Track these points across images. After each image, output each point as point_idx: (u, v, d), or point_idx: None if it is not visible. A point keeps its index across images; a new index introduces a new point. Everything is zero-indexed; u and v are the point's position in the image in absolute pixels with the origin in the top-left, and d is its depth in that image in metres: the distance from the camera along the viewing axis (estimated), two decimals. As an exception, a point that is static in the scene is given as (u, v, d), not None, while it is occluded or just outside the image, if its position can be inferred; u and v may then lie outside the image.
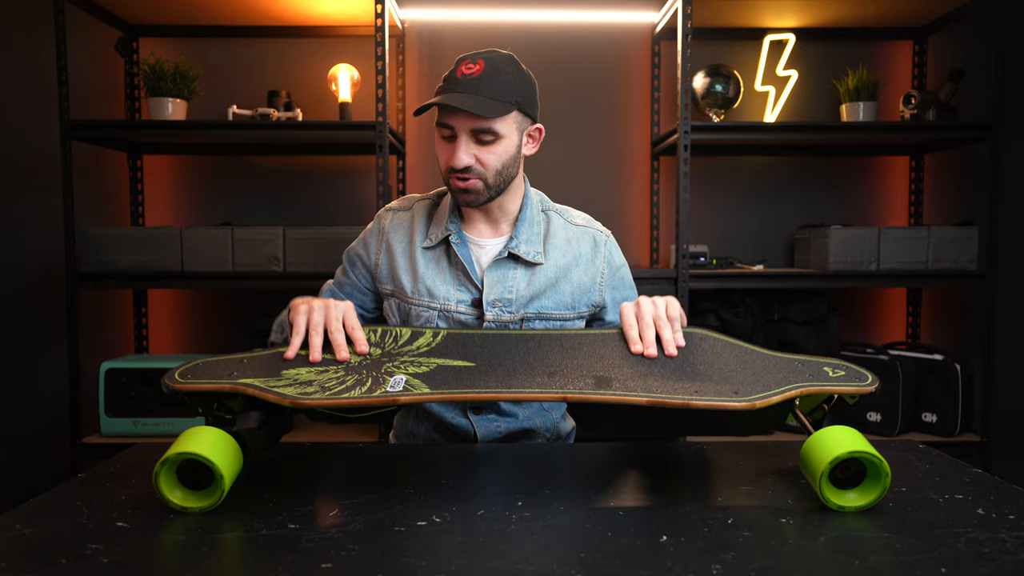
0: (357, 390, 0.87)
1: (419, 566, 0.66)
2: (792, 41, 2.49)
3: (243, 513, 0.80)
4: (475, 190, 1.17)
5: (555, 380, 0.89)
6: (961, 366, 2.27)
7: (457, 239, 1.22)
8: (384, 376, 0.90)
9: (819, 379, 0.90)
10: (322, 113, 2.54)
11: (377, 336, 1.02)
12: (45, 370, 2.33)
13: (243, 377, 0.89)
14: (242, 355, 0.95)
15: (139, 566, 0.66)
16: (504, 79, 1.14)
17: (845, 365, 0.93)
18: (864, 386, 0.89)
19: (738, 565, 0.66)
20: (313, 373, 0.91)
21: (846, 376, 0.91)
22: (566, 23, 2.61)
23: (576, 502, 0.84)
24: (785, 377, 0.90)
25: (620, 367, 0.93)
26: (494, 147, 1.15)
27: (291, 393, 0.85)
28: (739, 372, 0.91)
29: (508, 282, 1.22)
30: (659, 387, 0.88)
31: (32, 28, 2.29)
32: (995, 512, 0.79)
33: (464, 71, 1.14)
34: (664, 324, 0.99)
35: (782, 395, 0.86)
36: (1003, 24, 2.19)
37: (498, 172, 1.17)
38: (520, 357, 0.95)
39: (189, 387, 0.87)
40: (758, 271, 2.37)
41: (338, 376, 0.91)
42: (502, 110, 1.13)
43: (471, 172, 1.16)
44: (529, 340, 1.00)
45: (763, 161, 2.68)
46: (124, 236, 2.22)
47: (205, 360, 0.93)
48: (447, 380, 0.90)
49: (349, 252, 1.33)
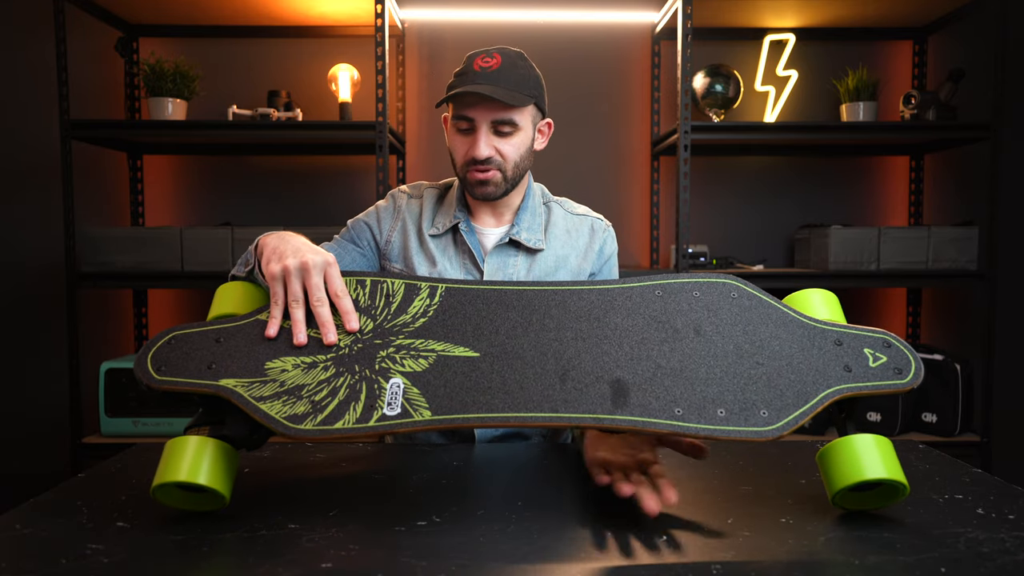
0: (352, 411, 0.78)
1: (419, 566, 0.65)
2: (792, 41, 2.49)
3: (243, 513, 0.80)
4: (494, 181, 1.19)
5: (567, 386, 0.80)
6: (961, 366, 2.27)
7: (466, 227, 1.25)
8: (378, 378, 0.81)
9: (855, 375, 0.80)
10: (322, 113, 2.54)
11: (367, 293, 0.89)
12: (45, 370, 2.33)
13: (223, 374, 0.81)
14: (217, 326, 0.85)
15: (139, 566, 0.66)
16: (521, 72, 1.18)
17: (888, 343, 0.82)
18: (902, 385, 0.79)
19: (738, 565, 0.66)
20: (299, 372, 0.81)
21: (886, 365, 0.81)
22: (566, 23, 2.61)
23: (576, 503, 0.84)
24: (820, 370, 0.80)
25: (637, 357, 0.82)
26: (512, 138, 1.18)
27: (278, 417, 0.77)
28: (769, 361, 0.81)
29: (509, 268, 1.24)
30: (684, 396, 0.78)
31: (32, 28, 2.29)
32: (995, 512, 0.79)
33: (482, 64, 1.16)
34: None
35: (815, 412, 0.77)
36: (1003, 24, 2.19)
37: (516, 164, 1.20)
38: (529, 340, 0.84)
39: (168, 387, 0.81)
40: (758, 271, 2.37)
41: (328, 377, 0.81)
42: (524, 101, 1.16)
43: (491, 163, 1.18)
44: (533, 306, 0.88)
45: (763, 161, 2.68)
46: (124, 236, 2.22)
47: (175, 335, 0.84)
48: (449, 387, 0.80)
49: (355, 224, 1.30)
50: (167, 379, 0.81)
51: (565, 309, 0.87)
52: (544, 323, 0.86)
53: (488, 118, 1.16)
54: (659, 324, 0.85)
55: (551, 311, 0.87)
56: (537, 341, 0.84)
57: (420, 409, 0.79)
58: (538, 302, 0.88)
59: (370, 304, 0.88)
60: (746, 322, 0.85)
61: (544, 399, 0.79)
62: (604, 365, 0.81)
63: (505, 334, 0.85)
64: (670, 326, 0.85)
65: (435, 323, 0.86)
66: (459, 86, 1.16)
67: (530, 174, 1.31)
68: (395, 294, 0.89)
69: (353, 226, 1.31)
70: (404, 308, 0.88)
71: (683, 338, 0.84)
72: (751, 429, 0.76)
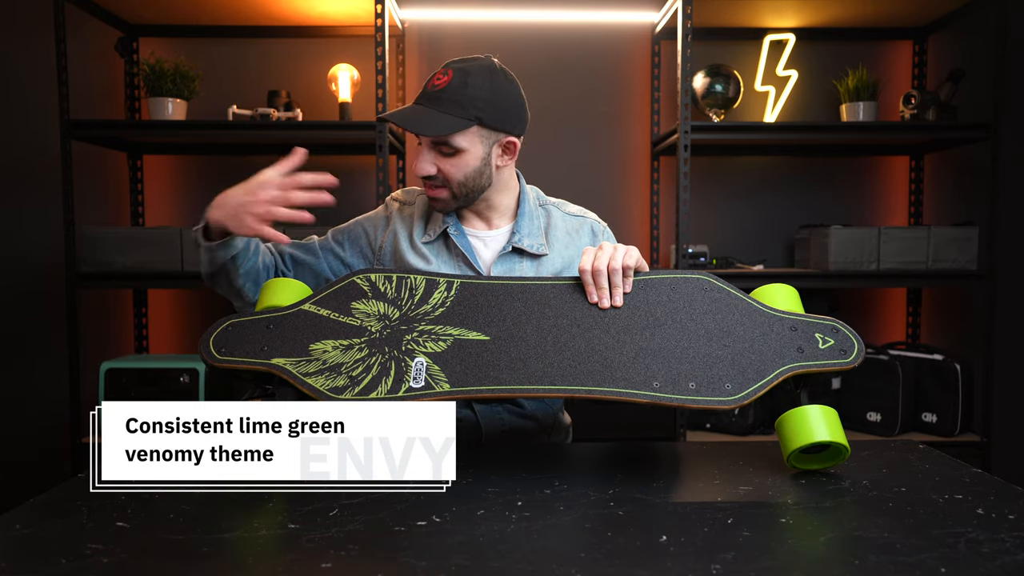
0: (383, 384, 0.93)
1: (419, 566, 0.66)
2: (792, 41, 2.48)
3: (243, 513, 0.80)
4: (441, 198, 1.20)
5: (563, 364, 0.95)
6: (961, 366, 2.27)
7: (455, 231, 1.25)
8: (405, 358, 0.96)
9: (807, 355, 0.96)
10: (322, 113, 2.54)
11: (393, 287, 1.04)
12: (45, 370, 2.32)
13: (274, 354, 0.96)
14: (267, 315, 1.00)
15: (139, 566, 0.66)
16: (470, 92, 1.14)
17: (836, 327, 0.98)
18: (846, 364, 0.95)
19: (738, 565, 0.66)
20: (338, 352, 0.96)
21: (833, 347, 0.96)
22: (566, 23, 2.61)
23: (576, 502, 0.84)
24: (776, 351, 0.96)
25: (623, 340, 0.97)
26: (454, 160, 1.17)
27: (322, 388, 0.93)
28: (734, 344, 0.96)
29: (516, 273, 1.24)
30: (662, 375, 0.93)
31: (32, 28, 2.29)
32: (995, 512, 0.79)
33: (435, 82, 1.16)
34: (616, 271, 1.02)
35: (769, 386, 0.93)
36: (1003, 24, 2.19)
37: (461, 183, 1.19)
38: (532, 325, 0.99)
39: (228, 365, 0.95)
40: (758, 271, 2.37)
41: (363, 357, 0.96)
42: (456, 126, 1.13)
43: (435, 180, 1.19)
44: (537, 297, 1.02)
45: (763, 161, 2.68)
46: (124, 236, 2.22)
47: (232, 322, 0.99)
48: (465, 365, 0.95)
49: (352, 229, 1.33)
50: (227, 358, 0.96)
51: (562, 300, 1.02)
52: (544, 312, 1.01)
53: (428, 138, 1.17)
54: (642, 312, 1.00)
55: (551, 301, 1.02)
56: (538, 327, 0.99)
57: (440, 382, 0.93)
58: (540, 294, 1.03)
59: (396, 296, 1.03)
60: (716, 311, 1.00)
61: (544, 375, 0.94)
62: (595, 347, 0.97)
63: (511, 321, 1.00)
64: (651, 315, 1.00)
65: (452, 312, 1.01)
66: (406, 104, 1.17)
67: (522, 178, 1.31)
68: (417, 288, 1.04)
69: (351, 230, 1.32)
70: (425, 299, 1.03)
71: (662, 324, 0.99)
72: (717, 399, 0.91)
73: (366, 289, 1.03)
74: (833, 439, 0.90)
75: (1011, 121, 2.25)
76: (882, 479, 0.92)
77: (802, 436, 0.90)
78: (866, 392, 2.35)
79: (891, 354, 2.34)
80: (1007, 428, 2.30)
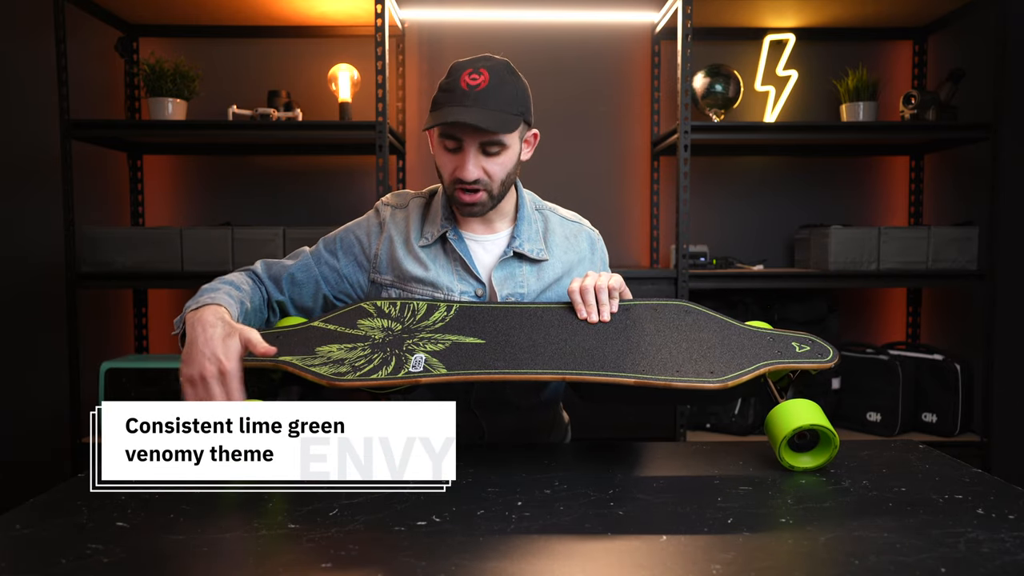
0: (384, 370, 0.98)
1: (419, 566, 0.66)
2: (792, 41, 2.48)
3: (243, 513, 0.80)
4: (480, 202, 1.18)
5: (555, 360, 1.00)
6: (961, 366, 2.27)
7: (454, 235, 1.23)
8: (405, 355, 1.01)
9: (786, 355, 1.02)
10: (322, 113, 2.54)
11: (396, 310, 1.11)
12: (45, 370, 2.32)
13: (282, 353, 1.00)
14: (275, 330, 1.08)
15: (139, 566, 0.66)
16: (508, 89, 1.14)
17: (811, 340, 1.05)
18: (824, 362, 1.01)
19: (738, 565, 0.66)
20: (344, 351, 1.02)
21: (811, 351, 1.03)
22: (566, 23, 2.61)
23: (576, 502, 0.84)
24: (756, 354, 1.01)
25: (612, 343, 1.04)
26: (499, 158, 1.16)
27: (326, 373, 0.96)
28: (717, 348, 1.02)
29: (518, 278, 1.24)
30: (646, 365, 0.98)
31: (32, 28, 2.29)
32: (995, 512, 0.79)
33: (469, 82, 1.13)
34: (602, 290, 1.09)
35: (751, 374, 0.98)
36: (1003, 24, 2.19)
37: (502, 182, 1.18)
38: (524, 334, 1.05)
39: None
40: (758, 271, 2.37)
41: (366, 354, 1.01)
42: (513, 124, 1.14)
43: (479, 184, 1.16)
44: (532, 315, 1.10)
45: (763, 161, 2.68)
46: (124, 236, 2.22)
47: None
48: (461, 359, 1.00)
49: (343, 237, 1.29)
50: None
51: (555, 317, 1.09)
52: (536, 324, 1.08)
53: (476, 140, 1.13)
54: (628, 324, 1.07)
55: (544, 317, 1.09)
56: (531, 336, 1.06)
57: (438, 368, 0.98)
58: (533, 313, 1.10)
59: (399, 315, 1.10)
60: (697, 328, 1.07)
61: (534, 363, 1.00)
62: (583, 346, 1.03)
63: (506, 331, 1.06)
64: (637, 327, 1.07)
65: (451, 326, 1.08)
66: (446, 104, 1.13)
67: (518, 181, 1.30)
68: (419, 310, 1.11)
69: (343, 238, 1.28)
70: (427, 317, 1.09)
71: (647, 333, 1.05)
72: (701, 379, 0.96)
73: (372, 311, 1.11)
74: (813, 422, 0.93)
75: (1011, 121, 2.25)
76: (882, 479, 0.92)
77: (784, 427, 0.94)
78: (866, 392, 2.35)
79: (891, 354, 2.34)
80: (1007, 428, 2.30)
